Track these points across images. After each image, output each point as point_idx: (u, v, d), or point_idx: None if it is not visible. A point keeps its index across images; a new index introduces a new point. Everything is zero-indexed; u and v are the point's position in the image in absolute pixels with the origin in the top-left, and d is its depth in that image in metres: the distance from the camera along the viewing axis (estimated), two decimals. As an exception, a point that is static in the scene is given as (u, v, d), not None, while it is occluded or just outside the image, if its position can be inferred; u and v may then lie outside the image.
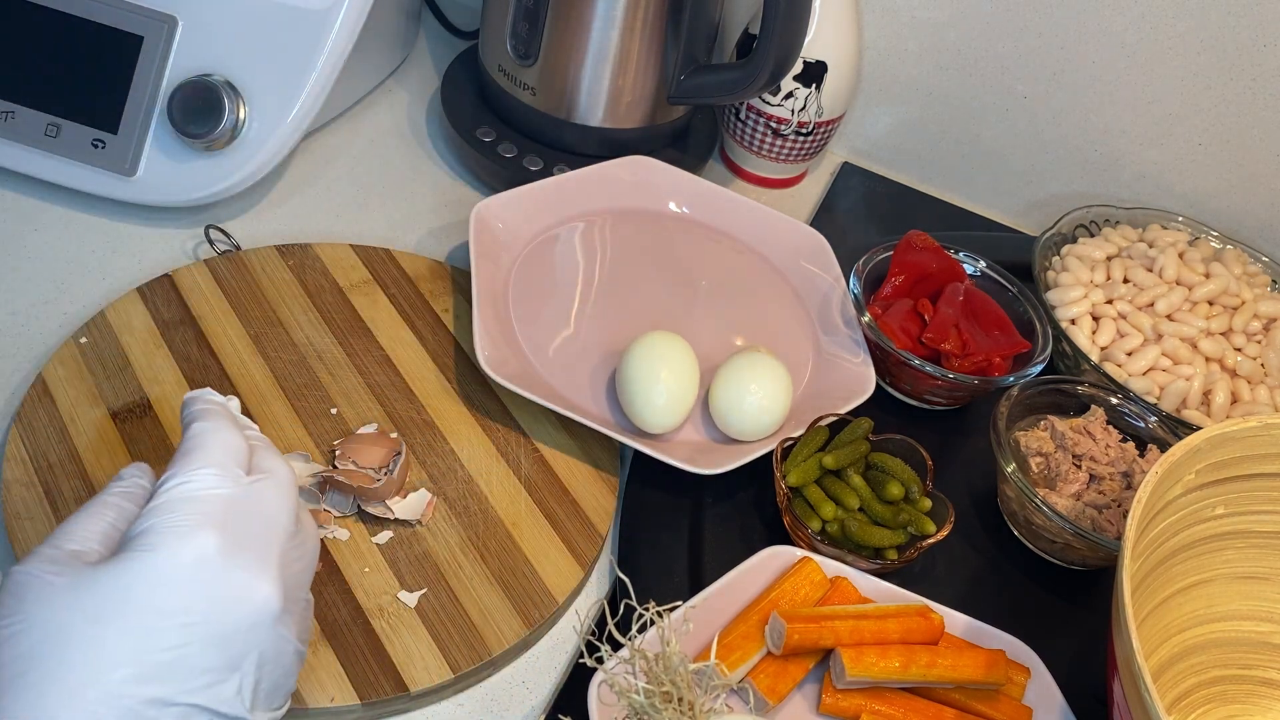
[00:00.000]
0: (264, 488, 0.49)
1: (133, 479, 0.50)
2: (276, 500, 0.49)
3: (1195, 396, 0.80)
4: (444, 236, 0.88)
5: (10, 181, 0.81)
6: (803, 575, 0.65)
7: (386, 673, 0.59)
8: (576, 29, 0.85)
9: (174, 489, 0.47)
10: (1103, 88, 0.95)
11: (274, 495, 0.49)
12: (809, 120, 0.95)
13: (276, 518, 0.49)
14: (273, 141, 0.80)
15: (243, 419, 0.54)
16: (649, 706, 0.53)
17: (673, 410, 0.70)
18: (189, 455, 0.48)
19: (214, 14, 0.78)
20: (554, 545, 0.66)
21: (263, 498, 0.49)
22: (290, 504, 0.50)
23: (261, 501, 0.48)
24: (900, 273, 0.83)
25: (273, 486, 0.49)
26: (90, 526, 0.47)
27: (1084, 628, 0.70)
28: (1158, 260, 0.86)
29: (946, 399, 0.81)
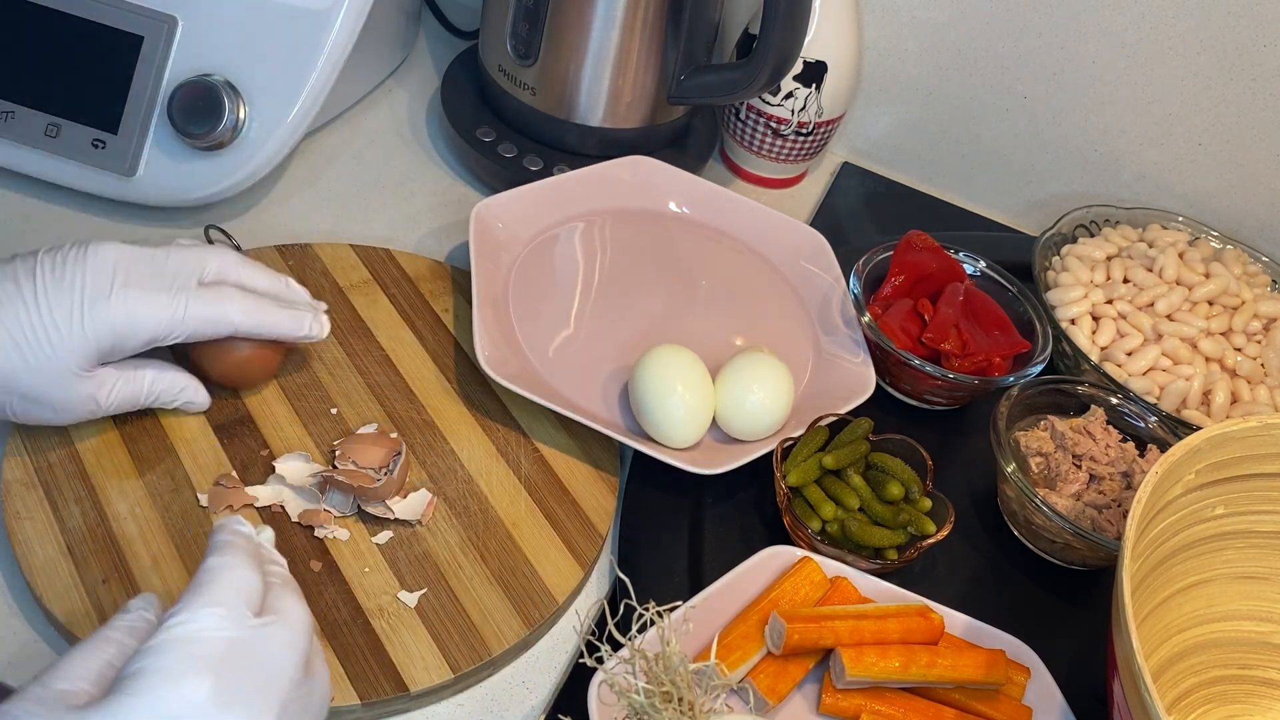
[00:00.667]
0: (272, 632, 0.46)
1: (138, 612, 0.48)
2: (284, 646, 0.46)
3: (1195, 396, 0.80)
4: (444, 236, 0.88)
5: (10, 181, 0.81)
6: (803, 575, 0.65)
7: (386, 673, 0.59)
8: (576, 29, 0.85)
9: (174, 628, 0.44)
10: (1103, 88, 0.95)
11: (282, 641, 0.46)
12: (809, 120, 0.95)
13: (282, 665, 0.45)
14: (273, 141, 0.80)
15: (270, 552, 0.52)
16: (649, 706, 0.53)
17: (693, 423, 0.70)
18: (196, 592, 0.45)
19: (214, 14, 0.78)
20: (554, 545, 0.66)
21: (269, 643, 0.45)
22: (299, 651, 0.47)
23: (268, 647, 0.45)
24: (900, 273, 0.83)
25: (282, 631, 0.46)
26: (86, 664, 0.45)
27: (1084, 628, 0.70)
28: (1158, 260, 0.86)
29: (946, 399, 0.81)
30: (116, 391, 0.63)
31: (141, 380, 0.64)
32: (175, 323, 0.61)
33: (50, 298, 0.58)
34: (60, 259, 0.59)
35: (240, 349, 0.66)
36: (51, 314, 0.58)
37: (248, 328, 0.65)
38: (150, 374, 0.64)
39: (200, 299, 0.62)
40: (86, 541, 0.61)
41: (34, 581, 0.59)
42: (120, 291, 0.60)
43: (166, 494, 0.64)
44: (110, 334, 0.59)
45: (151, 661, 0.43)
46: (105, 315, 0.59)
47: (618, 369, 0.76)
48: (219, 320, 0.63)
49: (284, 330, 0.67)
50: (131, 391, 0.63)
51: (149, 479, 0.64)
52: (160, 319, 0.61)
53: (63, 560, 0.60)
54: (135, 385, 0.64)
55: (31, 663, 0.58)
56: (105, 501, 0.63)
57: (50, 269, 0.59)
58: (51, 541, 0.61)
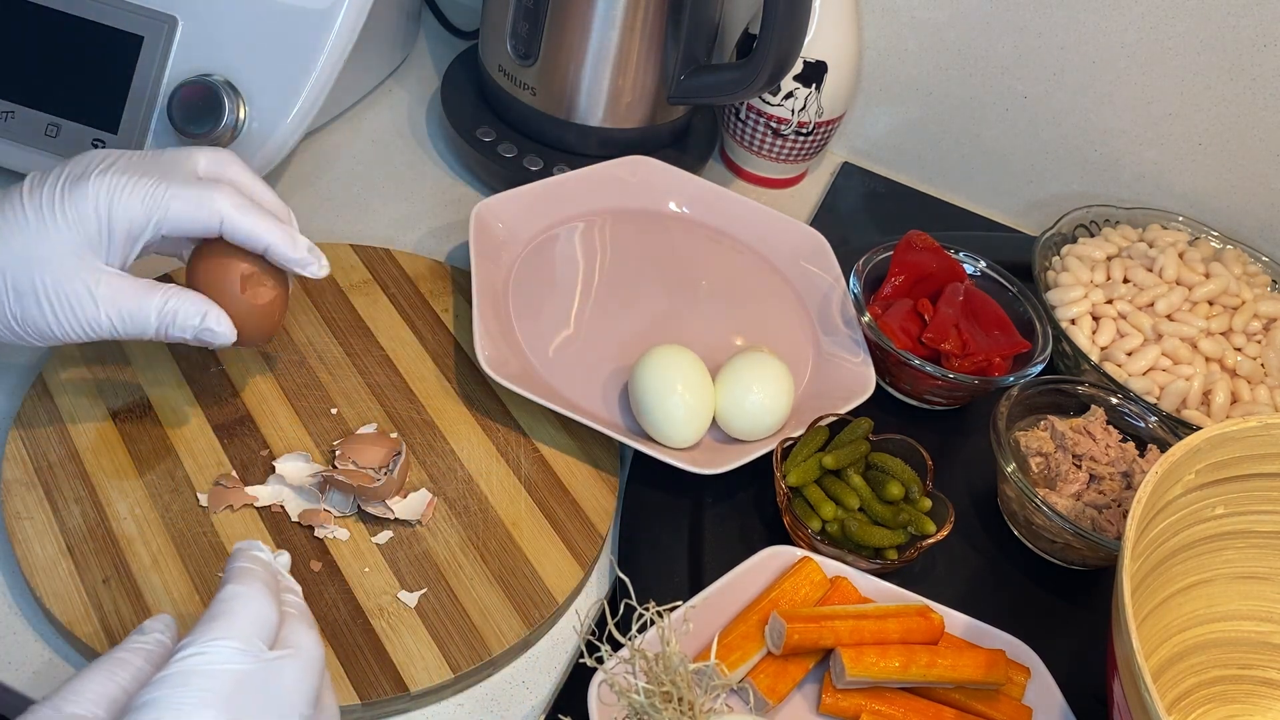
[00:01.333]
0: (285, 666, 0.46)
1: (154, 634, 0.48)
2: (296, 681, 0.46)
3: (1195, 396, 0.80)
4: (444, 236, 0.88)
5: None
6: (803, 575, 0.65)
7: (386, 673, 0.59)
8: (576, 29, 0.85)
9: (186, 659, 0.44)
10: (1103, 88, 0.95)
11: (294, 675, 0.46)
12: (809, 120, 0.95)
13: (293, 700, 0.45)
14: (273, 141, 0.80)
15: (287, 580, 0.52)
16: (649, 706, 0.53)
17: (693, 423, 0.70)
18: (212, 622, 0.45)
19: (214, 14, 0.78)
20: (554, 545, 0.66)
21: (282, 677, 0.45)
22: (310, 686, 0.46)
23: (280, 681, 0.45)
24: (900, 273, 0.83)
25: (295, 665, 0.46)
26: (99, 688, 0.45)
27: (1084, 628, 0.70)
28: (1158, 260, 0.86)
29: (946, 399, 0.81)
30: (119, 293, 0.58)
31: (152, 295, 0.59)
32: (156, 204, 0.58)
33: (35, 188, 0.58)
34: (43, 174, 0.59)
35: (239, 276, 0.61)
36: (34, 199, 0.57)
37: (237, 224, 0.60)
38: (164, 291, 0.59)
39: (186, 183, 0.59)
40: (86, 541, 0.61)
41: (34, 581, 0.59)
42: (100, 174, 0.58)
43: (166, 494, 0.64)
44: (92, 214, 0.57)
45: (163, 693, 0.42)
46: (82, 193, 0.57)
47: (618, 369, 0.76)
48: (204, 204, 0.59)
49: (277, 242, 0.61)
50: (138, 303, 0.58)
51: (149, 479, 0.64)
52: (140, 197, 0.58)
53: (63, 560, 0.60)
54: (144, 298, 0.58)
55: (31, 663, 0.58)
56: (105, 501, 0.63)
57: (44, 171, 0.59)
58: (51, 541, 0.61)
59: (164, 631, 0.48)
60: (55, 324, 0.58)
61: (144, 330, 0.59)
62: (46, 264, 0.57)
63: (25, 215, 0.57)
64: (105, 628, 0.58)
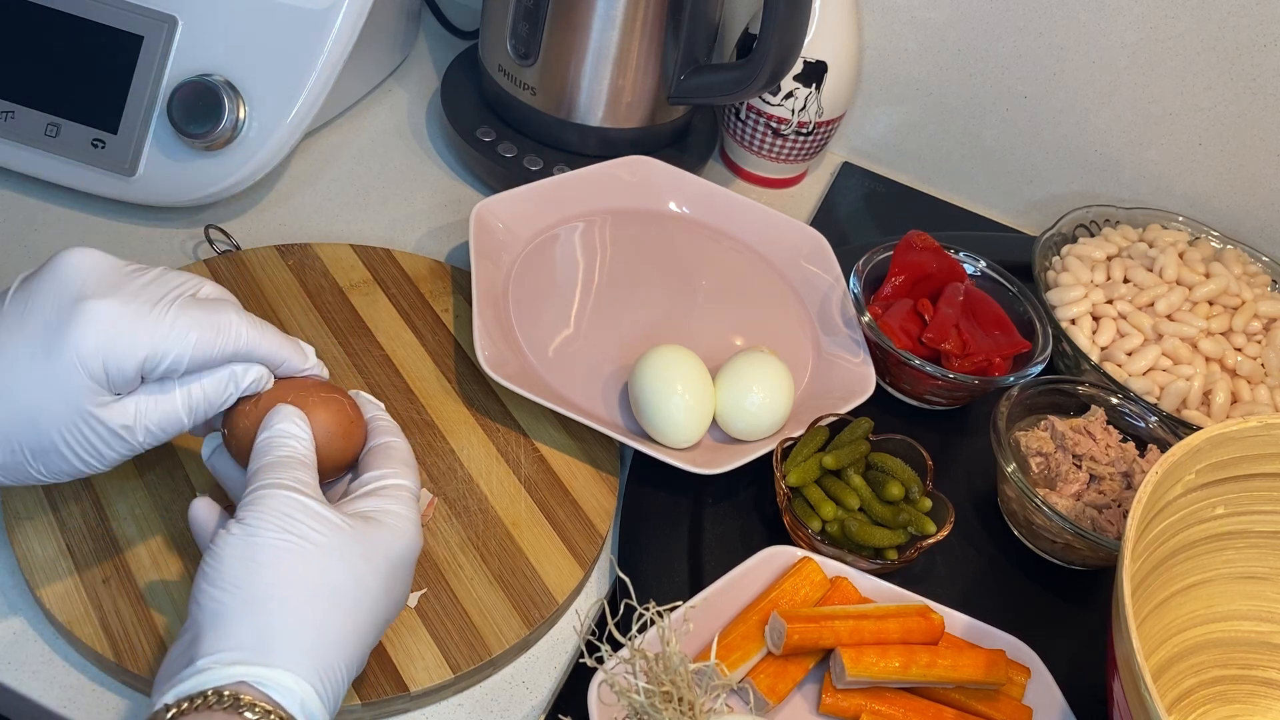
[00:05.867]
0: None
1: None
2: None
3: (1195, 396, 0.80)
4: (444, 236, 0.88)
5: (10, 181, 0.81)
6: (803, 575, 0.65)
7: (386, 673, 0.59)
8: (576, 29, 0.85)
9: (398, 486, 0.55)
10: (1103, 88, 0.95)
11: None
12: (809, 120, 0.95)
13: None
14: (273, 141, 0.80)
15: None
16: (649, 706, 0.53)
17: (693, 423, 0.70)
18: (411, 467, 0.57)
19: (214, 14, 0.78)
20: (554, 545, 0.66)
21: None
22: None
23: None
24: (900, 273, 0.83)
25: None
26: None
27: (1084, 628, 0.70)
28: (1158, 260, 0.86)
29: (946, 399, 0.81)
30: (143, 416, 0.52)
31: (172, 397, 0.53)
32: (163, 332, 0.51)
33: (15, 327, 0.50)
34: (25, 286, 0.52)
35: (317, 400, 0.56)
36: (20, 345, 0.50)
37: (253, 342, 0.55)
38: (180, 387, 0.54)
39: (192, 303, 0.53)
40: (86, 541, 0.61)
41: (34, 581, 0.59)
42: (87, 302, 0.50)
43: (166, 494, 0.64)
44: (93, 353, 0.50)
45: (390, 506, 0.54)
46: (74, 334, 0.50)
47: (618, 369, 0.76)
48: (220, 329, 0.53)
49: (289, 355, 0.57)
50: (164, 411, 0.53)
51: (149, 479, 0.64)
52: (144, 326, 0.51)
53: (63, 560, 0.60)
54: (166, 404, 0.53)
55: (31, 663, 0.58)
56: (105, 501, 0.63)
57: (16, 289, 0.52)
58: (51, 541, 0.61)
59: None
60: (87, 466, 0.53)
61: (180, 430, 0.54)
62: (59, 419, 0.51)
63: (21, 363, 0.50)
64: (105, 628, 0.58)
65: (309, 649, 0.47)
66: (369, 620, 0.50)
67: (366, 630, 0.50)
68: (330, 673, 0.48)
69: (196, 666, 0.46)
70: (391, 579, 0.52)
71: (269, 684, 0.45)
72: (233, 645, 0.46)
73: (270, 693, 0.45)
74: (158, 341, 0.51)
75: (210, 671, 0.45)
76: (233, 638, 0.46)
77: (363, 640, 0.50)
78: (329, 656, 0.48)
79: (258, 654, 0.46)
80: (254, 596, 0.47)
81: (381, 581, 0.51)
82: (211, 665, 0.45)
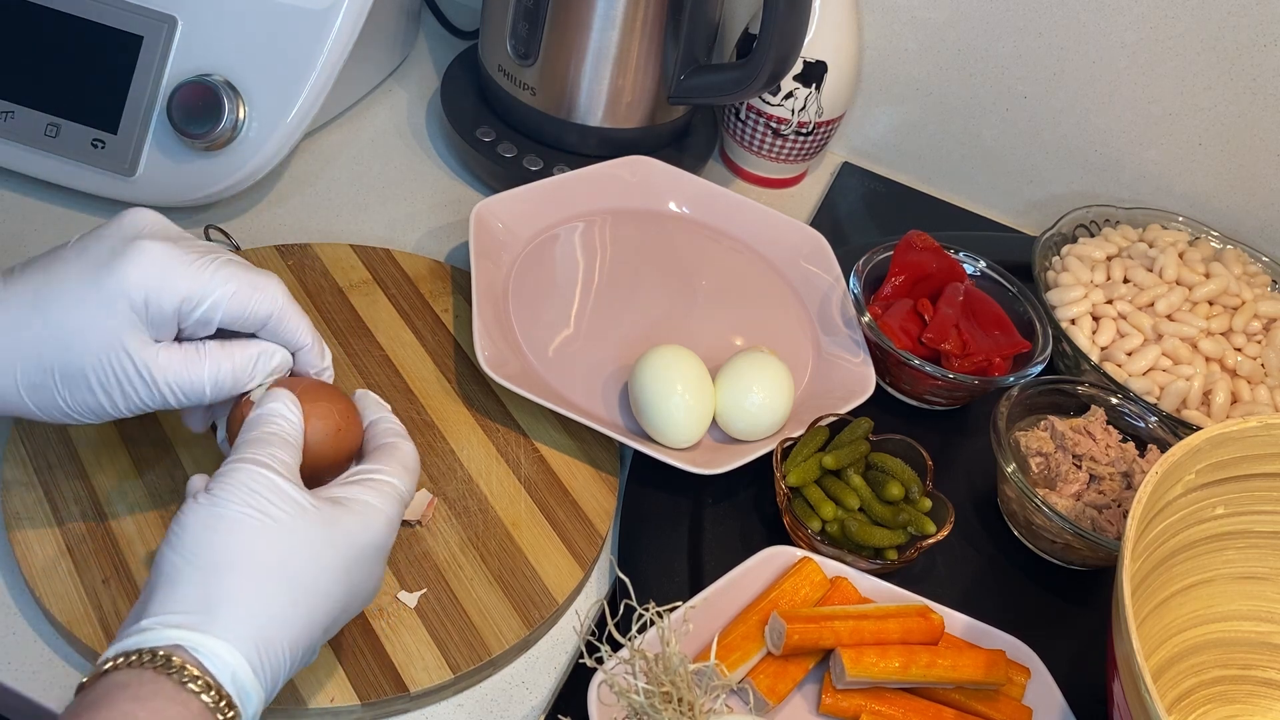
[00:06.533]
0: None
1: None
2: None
3: (1195, 396, 0.80)
4: (444, 236, 0.88)
5: (10, 181, 0.81)
6: (803, 575, 0.65)
7: (386, 673, 0.59)
8: (576, 29, 0.85)
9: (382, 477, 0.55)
10: (1103, 88, 0.95)
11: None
12: (809, 120, 0.95)
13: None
14: (273, 141, 0.80)
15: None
16: (649, 707, 0.53)
17: (693, 423, 0.70)
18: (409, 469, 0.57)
19: (214, 14, 0.78)
20: (554, 545, 0.66)
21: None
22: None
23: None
24: (900, 273, 0.83)
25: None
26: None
27: (1084, 628, 0.70)
28: (1158, 260, 0.86)
29: (946, 399, 0.81)
30: (169, 368, 0.54)
31: (201, 361, 0.55)
32: (205, 277, 0.54)
33: (72, 259, 0.54)
34: (87, 234, 0.56)
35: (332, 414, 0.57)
36: (73, 272, 0.53)
37: (287, 315, 0.57)
38: (210, 355, 0.55)
39: (237, 262, 0.56)
40: (86, 541, 0.61)
41: (34, 581, 0.59)
42: (141, 241, 0.54)
43: (166, 494, 0.64)
44: (137, 285, 0.53)
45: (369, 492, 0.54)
46: (124, 264, 0.53)
47: (618, 369, 0.76)
48: (258, 287, 0.56)
49: (309, 344, 0.59)
50: (190, 373, 0.55)
51: (149, 479, 0.64)
52: (188, 269, 0.54)
53: (63, 560, 0.60)
54: (194, 366, 0.55)
55: (31, 663, 0.58)
56: (105, 501, 0.63)
57: (78, 238, 0.56)
58: (51, 541, 0.61)
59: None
60: (109, 404, 0.54)
61: (200, 399, 0.56)
62: (92, 345, 0.53)
63: (69, 284, 0.53)
64: (105, 628, 0.58)
65: (251, 623, 0.47)
66: (322, 606, 0.50)
67: (319, 615, 0.50)
68: (270, 650, 0.47)
69: (140, 625, 0.46)
70: (354, 568, 0.52)
71: (203, 650, 0.46)
72: (177, 609, 0.47)
73: (202, 659, 0.45)
74: (198, 285, 0.54)
75: (151, 632, 0.46)
76: (179, 602, 0.47)
77: (314, 624, 0.50)
78: (271, 633, 0.48)
79: (199, 620, 0.46)
80: (207, 564, 0.48)
81: (342, 568, 0.51)
82: (154, 626, 0.46)
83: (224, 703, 0.45)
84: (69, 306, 0.53)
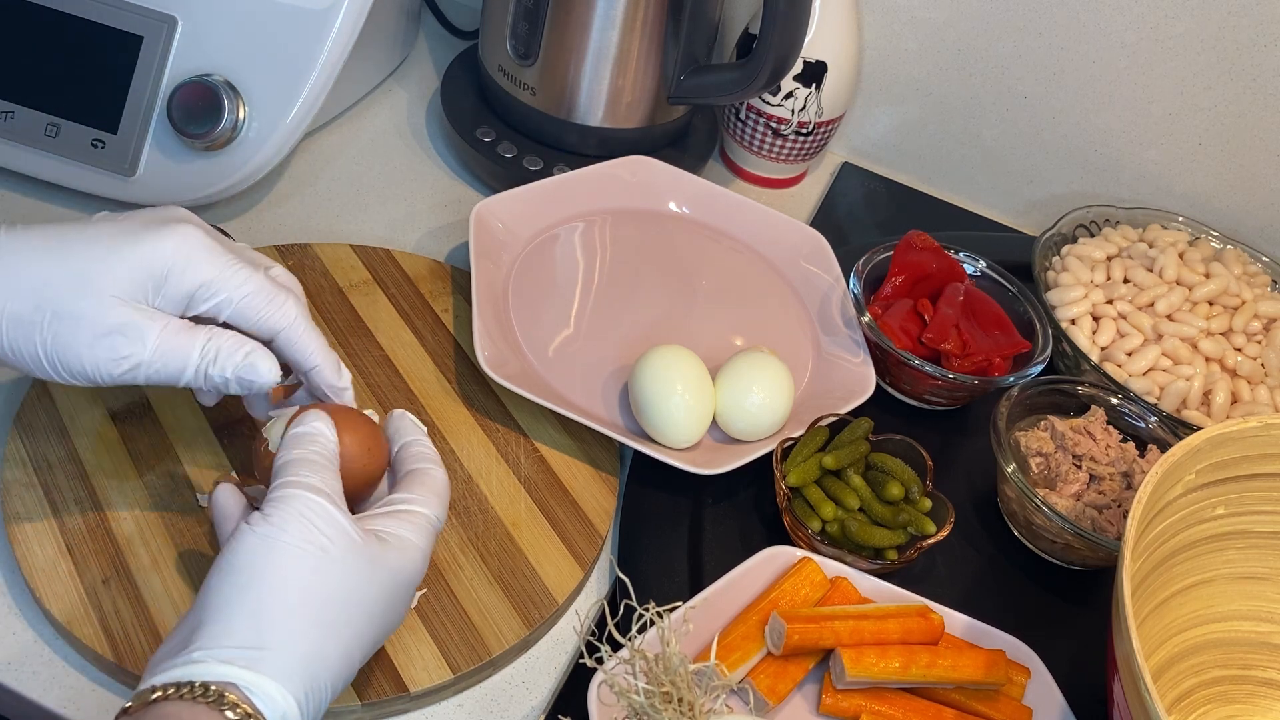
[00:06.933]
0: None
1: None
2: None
3: (1195, 397, 0.80)
4: (444, 236, 0.88)
5: (10, 181, 0.81)
6: (803, 575, 0.65)
7: (386, 673, 0.59)
8: (576, 29, 0.85)
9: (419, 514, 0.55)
10: (1103, 88, 0.95)
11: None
12: (809, 120, 0.95)
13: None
14: (273, 141, 0.80)
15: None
16: (649, 707, 0.53)
17: (693, 423, 0.70)
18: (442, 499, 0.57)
19: (214, 14, 0.78)
20: (554, 545, 0.66)
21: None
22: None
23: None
24: (900, 273, 0.83)
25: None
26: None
27: (1084, 628, 0.70)
28: (1158, 260, 0.86)
29: (946, 399, 0.81)
30: (161, 334, 0.54)
31: (195, 333, 0.55)
32: (227, 274, 0.55)
33: (109, 223, 0.55)
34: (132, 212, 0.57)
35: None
36: (104, 230, 0.54)
37: (300, 332, 0.58)
38: (206, 330, 0.56)
39: (261, 271, 0.57)
40: (86, 541, 0.61)
41: (34, 581, 0.59)
42: (179, 224, 0.55)
43: (166, 494, 0.64)
44: (166, 257, 0.54)
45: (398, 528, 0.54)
46: (156, 238, 0.54)
47: (618, 369, 0.76)
48: (273, 299, 0.57)
49: (324, 364, 0.59)
50: (180, 344, 0.54)
51: (149, 479, 0.64)
52: (213, 261, 0.55)
53: (63, 560, 0.60)
54: (185, 338, 0.54)
55: (31, 663, 0.58)
56: (105, 501, 0.63)
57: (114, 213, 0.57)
58: (51, 541, 0.61)
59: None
60: (90, 359, 0.53)
61: (184, 368, 0.55)
62: (102, 294, 0.53)
63: (101, 240, 0.54)
64: (105, 628, 0.58)
65: (302, 664, 0.47)
66: (360, 642, 0.51)
67: (357, 654, 0.51)
68: (317, 691, 0.48)
69: (191, 656, 0.46)
70: (390, 603, 0.52)
71: (255, 690, 0.46)
72: (230, 643, 0.46)
73: (254, 699, 0.45)
74: (218, 277, 0.55)
75: (203, 665, 0.46)
76: (232, 635, 0.47)
77: (352, 661, 0.50)
78: (319, 674, 0.48)
79: (253, 658, 0.46)
80: (261, 599, 0.48)
81: (382, 606, 0.52)
82: (206, 659, 0.46)
83: None
84: (89, 255, 0.53)
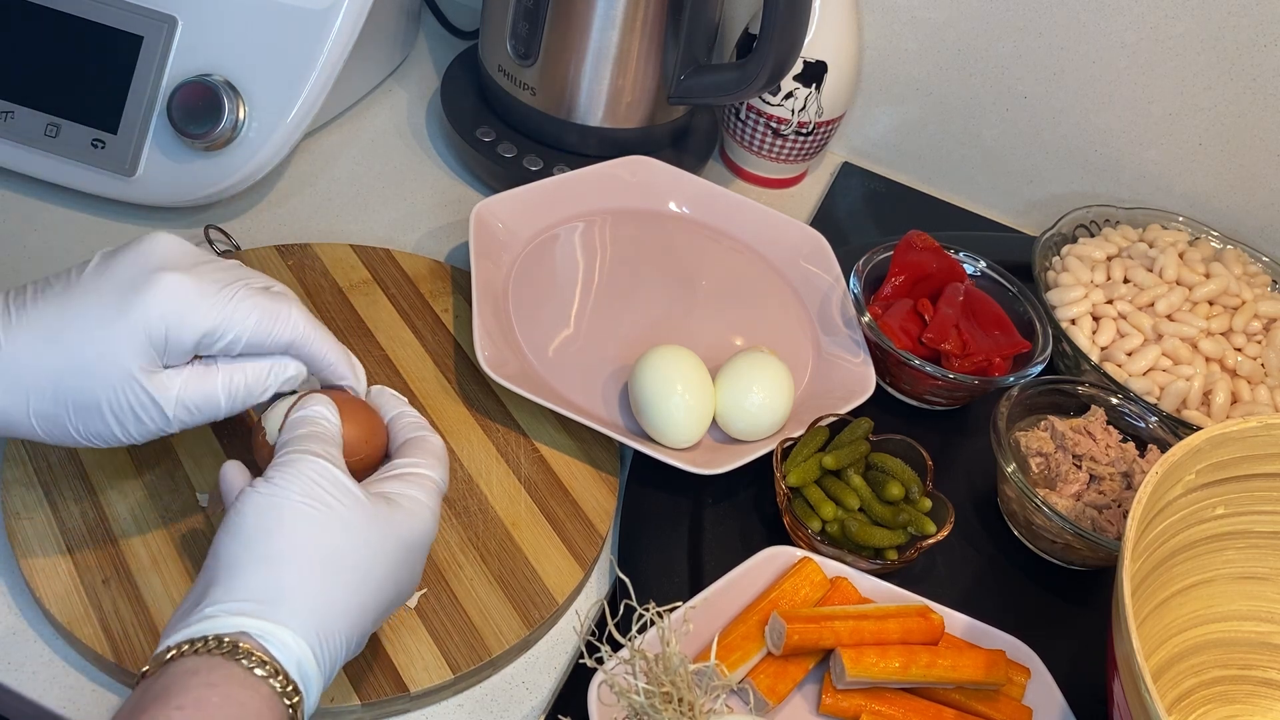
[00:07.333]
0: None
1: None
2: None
3: (1195, 396, 0.80)
4: (444, 236, 0.88)
5: (10, 181, 0.81)
6: (803, 575, 0.65)
7: (386, 673, 0.59)
8: (576, 29, 0.85)
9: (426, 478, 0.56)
10: (1103, 88, 0.95)
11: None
12: (809, 120, 0.95)
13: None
14: (273, 141, 0.80)
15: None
16: (649, 707, 0.53)
17: (693, 423, 0.70)
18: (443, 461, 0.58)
19: (214, 14, 0.78)
20: (554, 545, 0.66)
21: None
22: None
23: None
24: (900, 273, 0.83)
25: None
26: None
27: (1084, 628, 0.70)
28: (1158, 260, 0.86)
29: (946, 399, 0.81)
30: (184, 390, 0.55)
31: (212, 377, 0.56)
32: (227, 311, 0.55)
33: (91, 287, 0.54)
34: (105, 259, 0.55)
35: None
36: (92, 302, 0.53)
37: (308, 337, 0.58)
38: (221, 370, 0.56)
39: (257, 291, 0.56)
40: (86, 541, 0.61)
41: (34, 581, 0.59)
42: (164, 273, 0.54)
43: (166, 494, 0.64)
44: (159, 319, 0.53)
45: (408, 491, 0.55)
46: (142, 304, 0.53)
47: (618, 369, 0.76)
48: (278, 317, 0.56)
49: (336, 361, 0.60)
50: (203, 392, 0.55)
51: (149, 479, 0.64)
52: (210, 303, 0.54)
53: (63, 560, 0.60)
54: (207, 386, 0.55)
55: (31, 663, 0.58)
56: (105, 501, 0.63)
57: (98, 261, 0.55)
58: (51, 541, 0.61)
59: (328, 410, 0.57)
60: (123, 433, 0.55)
61: (215, 411, 0.56)
62: (109, 377, 0.53)
63: (83, 317, 0.53)
64: (105, 628, 0.58)
65: (313, 611, 0.48)
66: (374, 598, 0.51)
67: (370, 607, 0.51)
68: (330, 639, 0.48)
69: (203, 613, 0.46)
70: (402, 562, 0.53)
71: (269, 638, 0.46)
72: (241, 596, 0.47)
73: (269, 646, 0.46)
74: (220, 319, 0.55)
75: (216, 620, 0.46)
76: (242, 590, 0.47)
77: (365, 616, 0.51)
78: (331, 623, 0.48)
79: (264, 608, 0.47)
80: (269, 553, 0.48)
81: (392, 562, 0.52)
82: (218, 613, 0.46)
83: (290, 688, 0.46)
84: (89, 341, 0.53)
